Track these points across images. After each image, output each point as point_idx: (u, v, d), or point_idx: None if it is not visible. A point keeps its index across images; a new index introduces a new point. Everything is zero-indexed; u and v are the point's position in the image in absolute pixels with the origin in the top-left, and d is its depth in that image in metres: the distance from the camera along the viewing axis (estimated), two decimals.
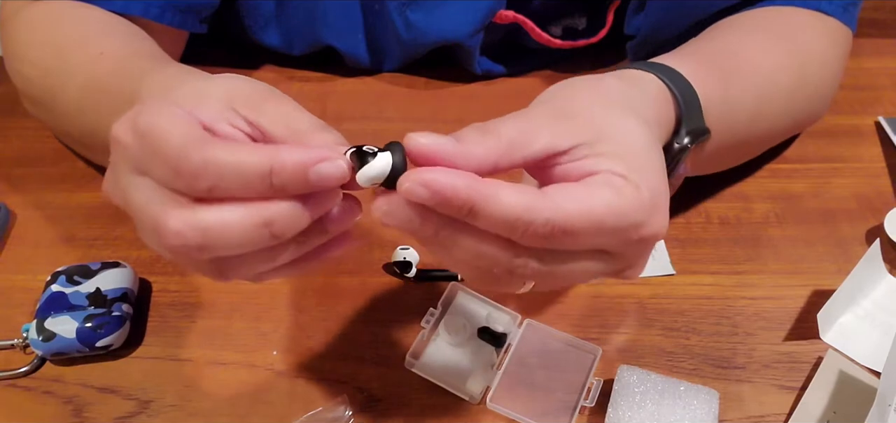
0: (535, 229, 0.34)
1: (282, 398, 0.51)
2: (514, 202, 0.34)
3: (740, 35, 0.59)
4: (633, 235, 0.37)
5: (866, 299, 0.55)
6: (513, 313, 0.54)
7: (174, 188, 0.35)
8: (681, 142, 0.47)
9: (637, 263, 0.40)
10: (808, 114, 0.64)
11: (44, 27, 0.59)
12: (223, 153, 0.34)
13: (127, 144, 0.36)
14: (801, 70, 0.59)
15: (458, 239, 0.36)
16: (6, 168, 0.68)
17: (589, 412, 0.50)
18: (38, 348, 0.52)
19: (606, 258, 0.38)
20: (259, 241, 0.35)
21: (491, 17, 0.68)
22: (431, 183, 0.34)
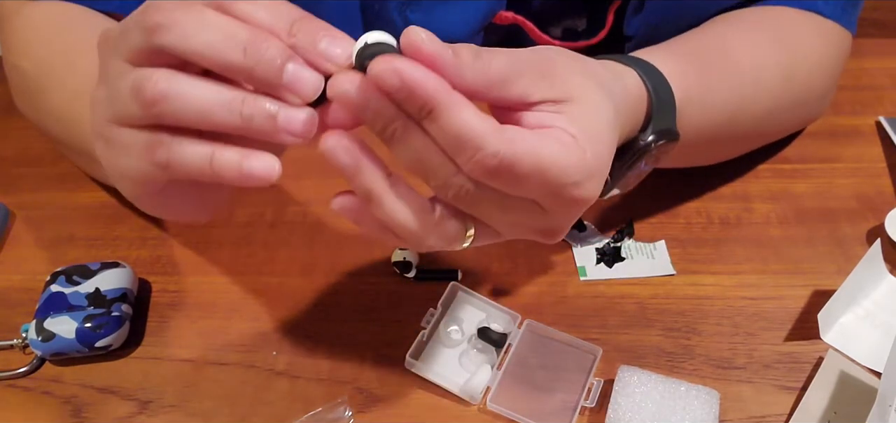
0: (482, 158, 0.35)
1: (282, 398, 0.51)
2: (473, 122, 0.34)
3: (731, 32, 0.59)
4: (568, 193, 0.38)
5: (867, 299, 0.55)
6: (513, 313, 0.54)
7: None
8: (645, 140, 0.48)
9: (563, 225, 0.41)
10: (798, 115, 0.64)
11: (49, 26, 0.59)
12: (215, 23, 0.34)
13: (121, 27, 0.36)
14: (788, 70, 0.59)
15: (407, 137, 0.35)
16: (6, 168, 0.68)
17: (589, 412, 0.49)
18: (38, 349, 0.52)
19: (538, 214, 0.39)
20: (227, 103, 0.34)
21: (491, 17, 0.68)
22: (403, 71, 0.33)
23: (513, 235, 0.41)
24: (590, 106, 0.39)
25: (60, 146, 0.65)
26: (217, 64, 0.34)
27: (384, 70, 0.33)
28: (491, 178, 0.36)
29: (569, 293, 0.56)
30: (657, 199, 0.62)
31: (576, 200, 0.38)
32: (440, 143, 0.35)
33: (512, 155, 0.35)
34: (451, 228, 0.39)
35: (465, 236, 0.40)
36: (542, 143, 0.37)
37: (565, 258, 0.59)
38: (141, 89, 0.34)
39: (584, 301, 0.56)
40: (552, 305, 0.56)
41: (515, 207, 0.38)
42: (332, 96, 0.35)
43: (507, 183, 0.37)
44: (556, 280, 0.57)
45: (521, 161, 0.36)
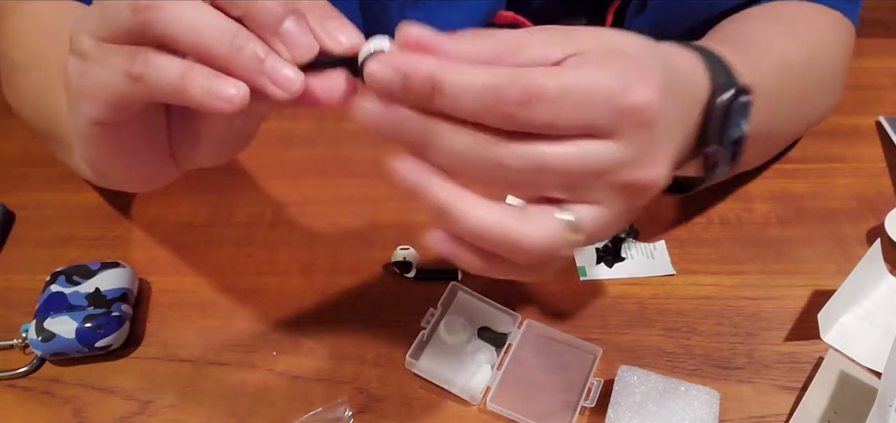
0: (507, 96, 0.33)
1: (282, 398, 0.51)
2: (481, 71, 0.33)
3: (751, 24, 0.58)
4: (619, 102, 0.35)
5: (867, 299, 0.55)
6: (513, 313, 0.54)
7: None
8: (723, 96, 0.43)
9: (646, 154, 0.36)
10: (819, 106, 0.63)
11: (41, 18, 0.59)
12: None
13: None
14: (809, 59, 0.58)
15: (433, 134, 0.34)
16: (6, 168, 0.68)
17: (589, 412, 0.49)
18: (38, 349, 0.52)
19: (603, 140, 0.35)
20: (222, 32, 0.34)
21: (491, 17, 0.68)
22: (393, 61, 0.33)
23: (589, 168, 0.36)
24: (618, 39, 0.37)
25: (38, 133, 0.65)
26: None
27: (376, 68, 0.34)
28: (527, 114, 0.34)
29: (569, 293, 0.56)
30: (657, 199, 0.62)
31: (636, 107, 0.35)
32: (465, 115, 0.34)
33: (537, 82, 0.33)
34: (544, 219, 0.36)
35: (563, 222, 0.36)
36: (566, 70, 0.35)
37: None
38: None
39: (584, 301, 0.56)
40: (552, 305, 0.56)
41: (572, 135, 0.35)
42: (362, 121, 0.35)
43: (547, 113, 0.34)
44: (556, 280, 0.57)
45: (547, 84, 0.33)
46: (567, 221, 0.36)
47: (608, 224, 0.37)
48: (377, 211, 0.62)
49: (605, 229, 0.38)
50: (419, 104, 0.34)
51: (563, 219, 0.36)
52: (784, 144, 0.64)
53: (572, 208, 0.36)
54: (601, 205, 0.37)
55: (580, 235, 0.37)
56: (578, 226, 0.36)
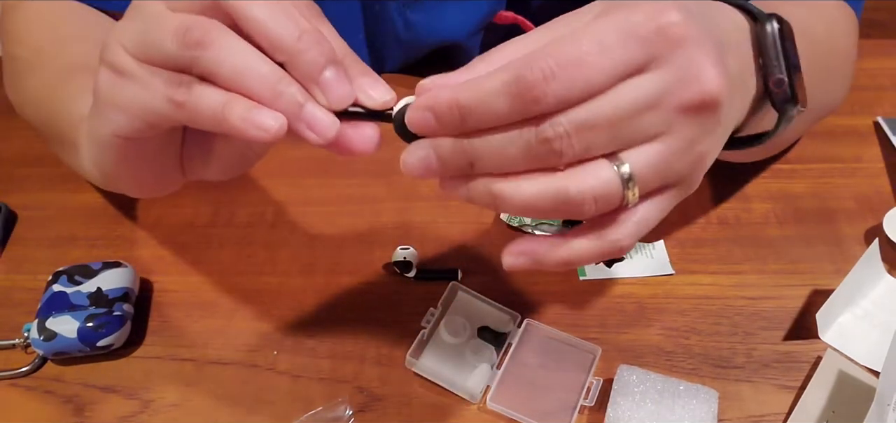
0: (529, 79, 0.33)
1: (282, 398, 0.51)
2: (495, 74, 0.34)
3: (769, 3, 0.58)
4: (641, 31, 0.33)
5: (865, 298, 0.55)
6: (513, 313, 0.54)
7: None
8: (769, 21, 0.40)
9: (691, 66, 0.34)
10: (837, 85, 0.62)
11: (45, 17, 0.60)
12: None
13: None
14: (828, 30, 0.57)
15: (478, 153, 0.35)
16: (8, 168, 0.68)
17: (589, 411, 0.50)
18: (40, 348, 0.52)
19: (644, 76, 0.34)
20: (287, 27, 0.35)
21: (491, 17, 0.68)
22: (419, 103, 0.35)
23: (646, 106, 0.34)
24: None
25: (41, 132, 0.65)
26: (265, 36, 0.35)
27: (412, 114, 0.35)
28: (565, 82, 0.33)
29: (568, 293, 0.57)
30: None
31: (661, 29, 0.33)
32: (501, 121, 0.34)
33: (563, 48, 0.33)
34: (594, 170, 0.34)
35: (616, 173, 0.35)
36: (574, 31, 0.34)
37: None
38: (189, 30, 0.35)
39: (583, 301, 0.56)
40: (552, 304, 0.56)
41: (617, 81, 0.34)
42: (409, 173, 0.36)
43: (586, 71, 0.33)
44: (556, 280, 0.57)
45: (575, 44, 0.33)
46: (620, 172, 0.35)
47: (668, 161, 0.36)
48: (377, 211, 0.63)
49: (666, 170, 0.36)
50: (458, 131, 0.35)
51: (617, 168, 0.35)
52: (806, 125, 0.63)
53: (625, 156, 0.35)
54: (656, 141, 0.35)
55: (635, 183, 0.35)
56: (633, 171, 0.35)
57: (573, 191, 0.35)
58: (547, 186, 0.35)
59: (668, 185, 0.37)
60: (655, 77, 0.34)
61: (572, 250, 0.37)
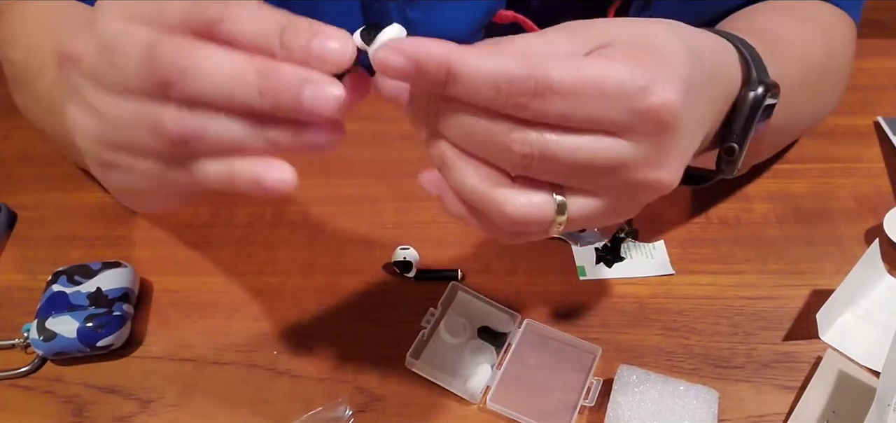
0: (520, 87, 0.33)
1: (282, 398, 0.51)
2: (495, 60, 0.33)
3: (769, 18, 0.58)
4: (637, 102, 0.34)
5: (865, 298, 0.55)
6: (513, 313, 0.54)
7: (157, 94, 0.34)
8: (755, 90, 0.42)
9: (660, 155, 0.35)
10: (830, 101, 0.63)
11: (37, 16, 0.60)
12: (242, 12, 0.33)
13: (80, 54, 0.35)
14: (825, 54, 0.58)
15: (447, 115, 0.35)
16: (7, 168, 0.68)
17: (589, 411, 0.50)
18: (39, 348, 0.52)
19: (618, 139, 0.35)
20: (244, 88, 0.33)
21: (491, 16, 0.68)
22: (407, 49, 0.33)
23: (601, 162, 0.35)
24: (648, 29, 0.36)
25: (49, 138, 0.65)
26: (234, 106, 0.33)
27: (386, 54, 0.34)
28: (541, 105, 0.33)
29: (569, 293, 0.57)
30: (657, 199, 0.62)
31: (653, 109, 0.34)
32: (477, 103, 0.34)
33: (551, 75, 0.33)
34: (534, 198, 0.35)
35: (554, 207, 0.36)
36: (586, 63, 0.34)
37: (565, 258, 0.59)
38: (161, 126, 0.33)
39: (583, 301, 0.56)
40: (552, 305, 0.56)
41: (587, 130, 0.34)
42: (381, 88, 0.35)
43: (561, 106, 0.33)
44: (556, 280, 0.57)
45: (562, 77, 0.33)
46: (557, 204, 0.36)
47: (600, 216, 0.37)
48: (377, 211, 0.63)
49: (594, 221, 0.37)
50: (431, 89, 0.34)
51: (556, 201, 0.36)
52: (795, 137, 0.64)
53: (567, 196, 0.36)
54: (599, 198, 0.36)
55: (566, 219, 0.36)
56: (567, 212, 0.36)
57: (509, 209, 0.35)
58: (489, 192, 0.35)
59: (584, 226, 0.38)
60: (628, 147, 0.35)
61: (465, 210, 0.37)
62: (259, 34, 0.34)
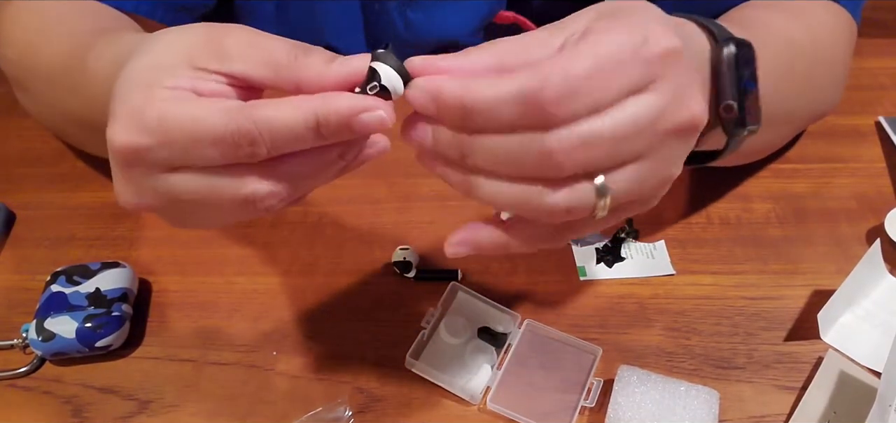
0: (552, 91, 0.33)
1: (282, 398, 0.51)
2: (508, 81, 0.34)
3: (752, 9, 0.58)
4: (646, 53, 0.35)
5: (866, 299, 0.55)
6: (513, 313, 0.54)
7: (228, 164, 0.36)
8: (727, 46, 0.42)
9: (683, 91, 0.36)
10: (824, 94, 0.63)
11: (29, 12, 0.60)
12: (271, 114, 0.35)
13: (148, 146, 0.36)
14: (813, 40, 0.58)
15: (475, 145, 0.35)
16: (6, 168, 0.68)
17: (589, 412, 0.50)
18: (38, 349, 0.52)
19: (643, 95, 0.35)
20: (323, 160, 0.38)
21: (491, 17, 0.68)
22: (428, 87, 0.35)
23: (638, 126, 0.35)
24: (612, 6, 0.37)
25: (61, 131, 0.65)
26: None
27: (416, 96, 0.36)
28: (569, 114, 0.34)
29: (569, 293, 0.56)
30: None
31: (662, 52, 0.35)
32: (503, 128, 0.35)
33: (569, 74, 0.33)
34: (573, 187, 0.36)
35: (593, 189, 0.36)
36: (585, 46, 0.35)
37: (565, 258, 0.59)
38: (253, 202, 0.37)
39: (584, 301, 0.56)
40: (552, 305, 0.56)
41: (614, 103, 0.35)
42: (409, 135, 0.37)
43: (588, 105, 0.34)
44: (556, 280, 0.57)
45: (578, 69, 0.34)
46: (596, 187, 0.36)
47: (646, 182, 0.37)
48: (377, 211, 0.62)
49: (642, 189, 0.37)
50: (456, 126, 0.35)
51: (594, 184, 0.36)
52: (791, 132, 0.63)
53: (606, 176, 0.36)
54: (640, 161, 0.36)
55: (608, 200, 0.36)
56: (610, 191, 0.36)
57: (549, 201, 0.36)
58: (526, 193, 0.36)
59: (634, 203, 0.38)
60: (654, 98, 0.35)
61: (513, 240, 0.39)
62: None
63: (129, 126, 0.36)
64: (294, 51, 0.37)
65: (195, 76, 0.36)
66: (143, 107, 0.36)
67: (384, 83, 0.36)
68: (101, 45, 0.50)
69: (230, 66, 0.37)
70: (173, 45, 0.38)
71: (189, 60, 0.37)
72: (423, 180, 0.64)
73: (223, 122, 0.34)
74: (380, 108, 0.35)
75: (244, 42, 0.37)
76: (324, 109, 0.35)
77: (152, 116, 0.35)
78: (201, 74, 0.37)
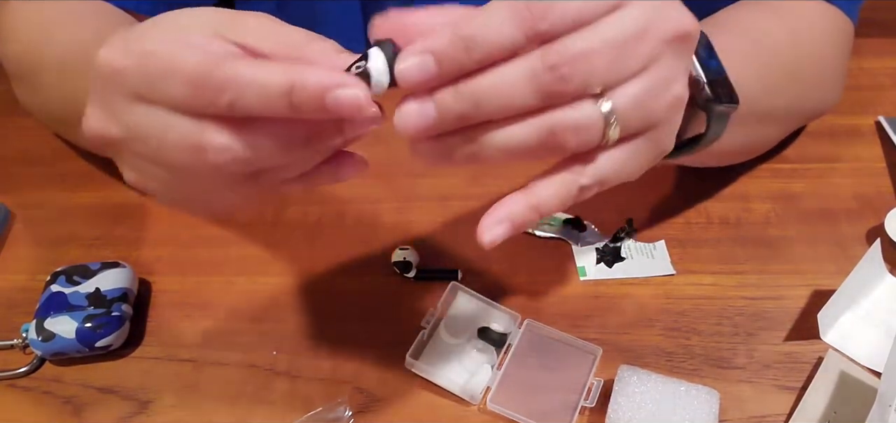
0: (534, 10, 0.34)
1: (282, 398, 0.51)
2: (498, 4, 0.34)
3: (733, 12, 0.59)
4: None
5: (866, 299, 0.55)
6: (513, 313, 0.54)
7: (192, 108, 0.35)
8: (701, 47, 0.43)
9: (664, 6, 0.37)
10: (813, 93, 0.63)
11: (32, 10, 0.60)
12: (245, 68, 0.34)
13: (124, 67, 0.36)
14: (793, 37, 0.58)
15: (481, 84, 0.35)
16: (6, 168, 0.68)
17: (589, 412, 0.50)
18: (38, 349, 0.52)
19: (628, 7, 0.36)
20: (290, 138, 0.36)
21: None
22: (415, 49, 0.34)
23: (652, 72, 0.37)
24: None
25: (57, 124, 0.65)
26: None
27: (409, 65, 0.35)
28: (559, 22, 0.34)
29: (569, 293, 0.56)
30: (657, 199, 0.62)
31: None
32: (504, 53, 0.35)
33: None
34: (577, 106, 0.36)
35: (602, 116, 0.36)
36: None
37: (565, 258, 0.59)
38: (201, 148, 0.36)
39: (584, 301, 0.56)
40: (552, 305, 0.56)
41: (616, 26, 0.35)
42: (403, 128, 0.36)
43: (576, 11, 0.35)
44: (556, 280, 0.57)
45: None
46: (603, 111, 0.36)
47: (653, 91, 0.37)
48: (377, 211, 0.62)
49: (651, 98, 0.37)
50: (458, 71, 0.35)
51: (599, 103, 0.36)
52: (780, 131, 0.63)
53: (609, 93, 0.36)
54: (644, 73, 0.37)
55: (615, 120, 0.36)
56: (615, 107, 0.36)
57: (559, 121, 0.36)
58: (533, 125, 0.36)
59: (644, 128, 0.38)
60: (637, 8, 0.36)
61: (539, 195, 0.38)
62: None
63: (116, 47, 0.37)
64: (308, 37, 0.37)
65: (215, 38, 0.37)
66: (140, 37, 0.36)
67: (369, 66, 0.35)
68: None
69: (250, 41, 0.37)
70: (200, 14, 0.38)
71: (213, 27, 0.37)
72: (423, 180, 0.64)
73: (197, 61, 0.34)
74: (357, 88, 0.34)
75: (265, 24, 0.37)
76: (300, 78, 0.34)
77: (140, 45, 0.36)
78: (220, 39, 0.37)
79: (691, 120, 0.45)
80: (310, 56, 0.37)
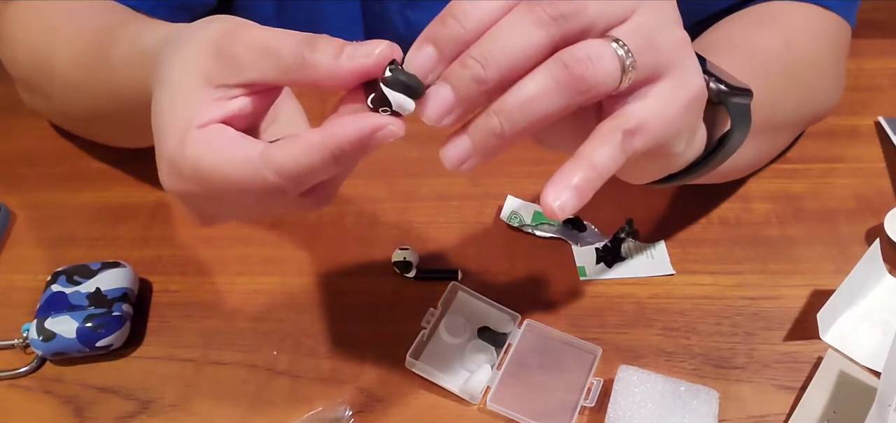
0: None
1: (282, 398, 0.51)
2: None
3: (721, 30, 0.59)
4: None
5: (866, 299, 0.55)
6: (513, 313, 0.54)
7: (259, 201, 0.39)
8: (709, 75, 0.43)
9: None
10: (812, 98, 0.63)
11: (33, 12, 0.60)
12: (287, 160, 0.36)
13: (191, 192, 0.39)
14: (786, 45, 0.58)
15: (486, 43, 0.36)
16: (6, 168, 0.68)
17: (589, 412, 0.50)
18: (39, 348, 0.52)
19: None
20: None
21: None
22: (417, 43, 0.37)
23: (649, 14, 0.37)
24: None
25: (70, 123, 0.65)
26: None
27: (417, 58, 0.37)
28: None
29: (569, 293, 0.56)
30: (657, 199, 0.62)
31: None
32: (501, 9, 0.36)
33: None
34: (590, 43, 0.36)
35: (613, 50, 0.36)
36: None
37: (565, 258, 0.59)
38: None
39: (583, 301, 0.56)
40: (552, 305, 0.56)
41: None
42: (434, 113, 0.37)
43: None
44: (556, 280, 0.57)
45: None
46: (613, 44, 0.36)
47: (652, 26, 0.37)
48: (377, 211, 0.62)
49: (654, 31, 0.37)
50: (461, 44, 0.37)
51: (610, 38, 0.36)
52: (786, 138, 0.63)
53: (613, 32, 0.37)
54: (635, 14, 0.37)
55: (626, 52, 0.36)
56: (623, 40, 0.36)
57: (568, 56, 0.35)
58: (545, 65, 0.36)
59: (661, 68, 0.38)
60: None
61: (588, 155, 0.37)
62: None
63: (172, 174, 0.39)
64: (300, 50, 0.37)
65: (217, 96, 0.38)
66: (179, 155, 0.38)
67: (395, 109, 0.36)
68: (121, 41, 0.51)
69: (246, 76, 0.37)
70: (188, 68, 0.38)
71: (207, 80, 0.38)
72: (423, 180, 0.64)
73: (248, 174, 0.37)
74: (391, 124, 0.36)
75: (253, 48, 0.37)
76: (336, 143, 0.36)
77: (188, 166, 0.38)
78: (222, 92, 0.38)
79: (714, 125, 0.45)
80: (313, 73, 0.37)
